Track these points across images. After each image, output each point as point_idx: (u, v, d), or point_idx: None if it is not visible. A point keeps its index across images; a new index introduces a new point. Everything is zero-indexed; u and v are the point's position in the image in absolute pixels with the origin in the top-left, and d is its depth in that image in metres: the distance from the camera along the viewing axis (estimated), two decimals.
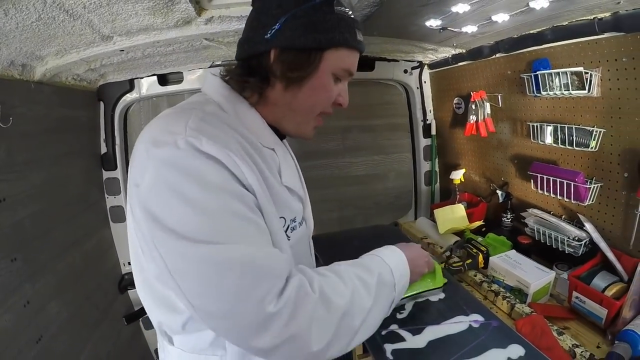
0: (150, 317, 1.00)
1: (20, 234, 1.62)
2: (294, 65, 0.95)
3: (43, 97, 1.81)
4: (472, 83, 2.43)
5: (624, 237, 1.61)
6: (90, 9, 1.22)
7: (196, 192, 0.77)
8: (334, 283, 0.90)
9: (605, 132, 1.61)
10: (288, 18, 0.93)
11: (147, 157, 0.80)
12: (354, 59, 1.03)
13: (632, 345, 1.26)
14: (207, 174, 0.79)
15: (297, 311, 0.78)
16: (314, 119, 1.07)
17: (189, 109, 0.92)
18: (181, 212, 0.77)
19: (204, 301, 0.77)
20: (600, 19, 1.46)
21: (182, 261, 0.77)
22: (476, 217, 2.38)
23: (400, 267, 1.09)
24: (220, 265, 0.75)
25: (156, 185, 0.78)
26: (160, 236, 0.77)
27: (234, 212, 0.80)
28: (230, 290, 0.75)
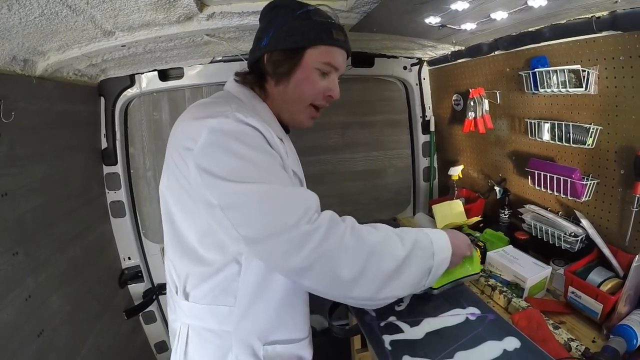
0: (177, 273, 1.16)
1: (22, 227, 1.63)
2: (279, 63, 1.17)
3: (44, 92, 1.81)
4: (470, 80, 2.44)
5: (620, 233, 1.62)
6: (93, 5, 1.24)
7: (241, 148, 0.95)
8: (366, 227, 1.03)
9: (602, 129, 1.62)
10: (276, 29, 1.18)
11: (199, 126, 0.98)
12: (335, 55, 1.20)
13: (627, 339, 1.27)
14: (249, 136, 0.99)
15: (329, 233, 0.92)
16: (305, 110, 1.25)
17: (224, 98, 1.18)
18: (229, 162, 0.94)
19: (251, 228, 0.92)
20: (598, 18, 1.47)
21: (231, 198, 0.93)
22: (474, 212, 2.39)
23: (442, 241, 1.16)
24: (261, 198, 0.92)
25: (210, 145, 0.96)
26: (213, 182, 0.94)
27: (270, 163, 1.00)
28: (272, 215, 0.91)
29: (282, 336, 1.21)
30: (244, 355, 1.15)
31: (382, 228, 1.07)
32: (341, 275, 0.92)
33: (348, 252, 0.93)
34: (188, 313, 1.16)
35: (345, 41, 1.23)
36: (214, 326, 1.15)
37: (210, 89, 2.61)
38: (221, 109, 1.02)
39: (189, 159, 0.98)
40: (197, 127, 0.99)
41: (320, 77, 1.20)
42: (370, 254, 0.96)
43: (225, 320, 1.13)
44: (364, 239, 0.97)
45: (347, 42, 1.24)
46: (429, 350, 1.20)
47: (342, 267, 0.91)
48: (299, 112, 1.24)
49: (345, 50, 1.24)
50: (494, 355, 1.13)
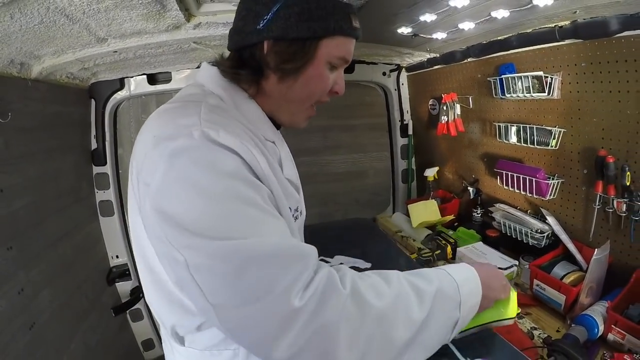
0: (161, 319, 0.95)
1: (16, 223, 1.68)
2: (288, 56, 0.91)
3: (39, 94, 1.86)
4: (445, 85, 2.54)
5: (585, 229, 1.71)
6: (89, 14, 1.30)
7: (212, 185, 0.72)
8: (374, 283, 0.80)
9: (565, 131, 1.72)
10: (280, 7, 0.89)
11: (158, 153, 0.75)
12: (350, 47, 0.98)
13: (588, 328, 1.35)
14: (223, 165, 0.75)
15: (324, 305, 0.69)
16: (307, 109, 1.04)
17: (193, 101, 0.88)
18: (197, 207, 0.71)
19: (224, 299, 0.70)
20: (561, 27, 1.57)
21: (201, 258, 0.70)
22: (449, 212, 2.49)
23: (470, 284, 0.94)
24: (242, 260, 0.69)
25: (170, 180, 0.73)
26: (177, 235, 0.72)
27: (252, 204, 0.75)
28: (252, 285, 0.68)
29: None
30: None
31: (395, 282, 0.83)
32: (340, 357, 0.69)
33: (349, 325, 0.70)
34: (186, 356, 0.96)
35: (361, 29, 1.00)
36: None
37: None
38: (186, 121, 0.78)
39: (146, 197, 0.76)
40: (155, 154, 0.76)
41: (329, 71, 0.97)
42: (378, 323, 0.74)
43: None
44: (370, 305, 0.74)
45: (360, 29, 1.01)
46: None
47: (342, 347, 0.69)
48: (300, 112, 1.04)
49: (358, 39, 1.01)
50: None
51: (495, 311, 1.07)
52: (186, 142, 0.74)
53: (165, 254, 0.76)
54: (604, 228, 1.63)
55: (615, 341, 1.33)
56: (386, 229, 2.74)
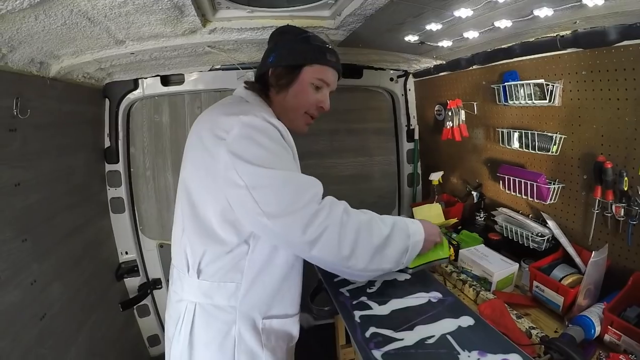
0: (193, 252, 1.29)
1: (30, 217, 1.73)
2: (281, 76, 1.41)
3: (55, 93, 1.92)
4: (451, 92, 2.57)
5: (584, 233, 1.72)
6: (110, 18, 1.36)
7: (267, 142, 1.16)
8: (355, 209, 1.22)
9: (566, 138, 1.74)
10: (279, 49, 1.44)
11: (232, 120, 1.17)
12: (327, 73, 1.44)
13: (585, 328, 1.36)
14: (272, 132, 1.19)
15: (331, 211, 1.12)
16: (301, 117, 1.47)
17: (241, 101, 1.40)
18: (258, 151, 1.14)
19: (272, 206, 1.09)
20: (562, 36, 1.60)
21: (259, 179, 1.11)
22: (452, 215, 2.46)
23: (415, 226, 1.37)
24: (283, 181, 1.11)
25: (242, 136, 1.15)
26: (243, 167, 1.11)
27: (288, 156, 1.21)
28: (290, 196, 1.10)
29: (278, 311, 1.37)
30: (246, 328, 1.29)
31: (368, 212, 1.28)
32: (341, 246, 1.12)
33: (345, 227, 1.13)
34: (197, 291, 1.29)
35: (337, 62, 1.47)
36: (221, 302, 1.28)
37: (208, 94, 2.71)
38: (247, 108, 1.27)
39: (221, 146, 1.15)
40: (229, 121, 1.18)
41: (314, 90, 1.43)
42: (361, 229, 1.16)
43: (232, 296, 1.28)
44: (356, 217, 1.18)
45: (339, 63, 1.48)
46: (392, 323, 1.34)
47: (342, 240, 1.12)
48: (296, 119, 1.46)
49: (337, 70, 1.48)
50: (449, 330, 1.25)
51: (435, 252, 1.53)
52: (253, 118, 1.18)
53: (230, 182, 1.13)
54: (603, 232, 1.64)
55: (611, 342, 1.34)
56: None
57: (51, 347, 1.76)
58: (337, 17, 1.73)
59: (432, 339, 1.22)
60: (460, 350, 1.15)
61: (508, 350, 1.13)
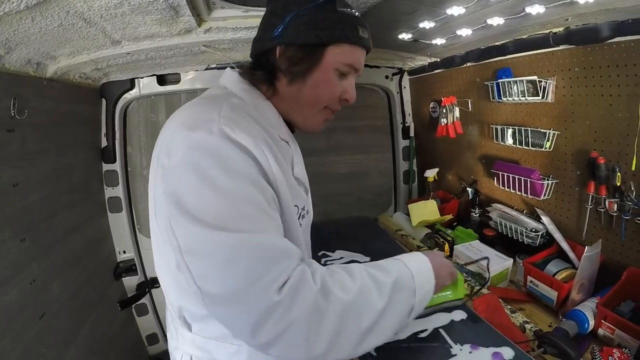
0: (170, 302, 1.02)
1: (29, 216, 1.73)
2: (296, 60, 1.00)
3: (53, 93, 1.91)
4: (446, 89, 2.58)
5: (578, 228, 1.75)
6: (106, 19, 1.37)
7: (221, 177, 0.79)
8: (341, 278, 0.87)
9: (559, 134, 1.76)
10: (292, 17, 0.98)
11: (179, 140, 0.83)
12: (357, 56, 1.05)
13: (579, 323, 1.39)
14: (235, 161, 0.81)
15: (297, 299, 0.77)
16: (320, 113, 1.09)
17: (217, 100, 0.97)
18: (203, 195, 0.78)
19: (211, 285, 0.77)
20: (555, 33, 1.62)
21: (195, 243, 0.78)
22: (448, 212, 2.54)
23: (424, 274, 1.02)
24: (232, 251, 0.76)
25: (184, 165, 0.80)
26: (178, 217, 0.79)
27: (253, 202, 0.81)
28: (238, 276, 0.75)
29: None
30: None
31: (358, 276, 0.91)
32: (314, 344, 0.78)
33: (319, 317, 0.79)
34: (191, 344, 1.02)
35: (369, 39, 1.08)
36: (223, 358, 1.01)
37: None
38: (208, 116, 0.86)
39: (158, 177, 0.86)
40: (176, 140, 0.84)
41: (338, 77, 1.05)
42: (345, 315, 0.82)
43: (234, 355, 1.00)
44: (338, 299, 0.82)
45: (370, 40, 1.09)
46: None
47: (314, 336, 0.78)
48: (312, 116, 1.09)
49: (368, 49, 1.10)
50: (442, 324, 1.25)
51: (445, 295, 1.27)
52: (204, 136, 0.81)
53: (167, 236, 0.84)
54: (597, 227, 1.66)
55: (605, 336, 1.36)
56: (387, 228, 2.77)
57: (51, 346, 1.76)
58: None
59: (425, 333, 1.21)
60: (453, 343, 1.16)
61: (500, 343, 1.15)
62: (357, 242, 2.02)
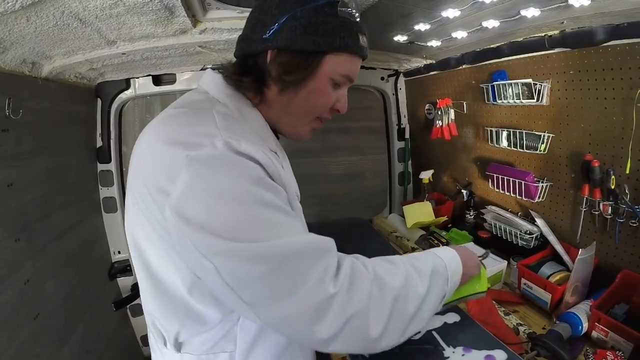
0: (163, 327, 0.93)
1: (24, 216, 1.73)
2: (290, 68, 0.91)
3: (48, 93, 1.91)
4: (441, 91, 2.58)
5: (572, 231, 1.74)
6: (101, 19, 1.37)
7: (238, 193, 0.74)
8: (387, 267, 0.88)
9: (554, 137, 1.77)
10: (288, 18, 0.89)
11: (177, 158, 0.75)
12: (355, 66, 0.98)
13: (573, 325, 1.39)
14: (247, 174, 0.76)
15: (355, 289, 0.76)
16: (310, 122, 1.03)
17: (203, 109, 0.88)
18: (225, 214, 0.73)
19: (262, 298, 0.74)
20: (550, 36, 1.62)
21: (232, 262, 0.72)
22: (442, 213, 2.53)
23: (454, 264, 1.04)
24: (274, 260, 0.72)
25: (196, 189, 0.73)
26: (204, 242, 0.73)
27: (274, 208, 0.78)
28: (288, 280, 0.72)
29: None
30: None
31: (401, 265, 0.91)
32: (371, 332, 0.77)
33: (375, 305, 0.78)
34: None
35: (368, 48, 1.01)
36: None
37: None
38: (205, 130, 0.79)
39: (166, 205, 0.75)
40: (173, 160, 0.75)
41: (332, 88, 0.97)
42: (395, 300, 0.82)
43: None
44: (387, 285, 0.82)
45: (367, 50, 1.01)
46: None
47: (371, 325, 0.77)
48: (302, 125, 1.03)
49: (365, 58, 1.02)
50: (435, 326, 1.25)
51: (470, 286, 1.22)
52: (210, 152, 0.74)
53: (192, 260, 0.77)
54: (591, 230, 1.66)
55: (598, 338, 1.36)
56: (382, 229, 2.77)
57: (45, 346, 1.76)
58: None
59: (418, 335, 1.20)
60: (446, 346, 1.16)
61: (493, 346, 1.15)
62: (352, 243, 2.00)
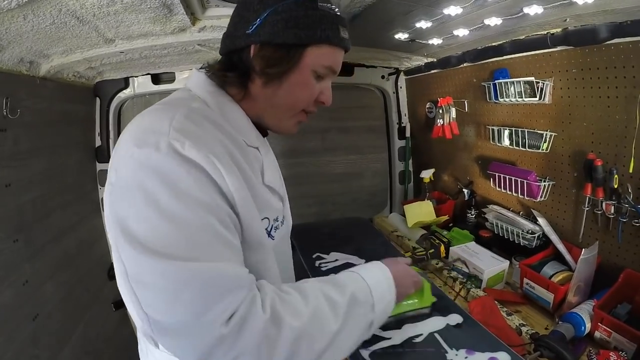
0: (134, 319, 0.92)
1: (22, 217, 1.71)
2: (273, 61, 0.93)
3: (46, 92, 1.90)
4: (442, 89, 2.58)
5: (574, 230, 1.74)
6: (99, 17, 1.35)
7: (169, 201, 0.73)
8: (293, 302, 0.84)
9: (556, 135, 1.76)
10: (269, 13, 0.91)
11: (125, 156, 0.78)
12: (337, 57, 1.00)
13: (575, 325, 1.38)
14: (184, 181, 0.75)
15: (245, 330, 0.74)
16: (295, 115, 1.04)
17: (175, 105, 0.90)
18: (150, 220, 0.73)
19: (159, 314, 0.74)
20: (553, 34, 1.61)
21: (142, 272, 0.73)
22: (444, 213, 2.53)
23: (382, 286, 1.01)
24: (180, 282, 0.72)
25: (129, 187, 0.75)
26: (124, 243, 0.74)
27: (205, 227, 0.76)
28: (186, 308, 0.72)
29: None
30: None
31: (312, 297, 0.87)
32: None
33: (269, 346, 0.75)
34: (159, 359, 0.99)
35: (349, 40, 1.02)
36: None
37: None
38: (158, 128, 0.79)
39: (108, 195, 0.81)
40: (123, 155, 0.79)
41: (316, 79, 0.99)
42: (298, 341, 0.78)
43: None
44: (289, 326, 0.78)
45: (350, 41, 1.03)
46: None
47: None
48: (288, 119, 1.04)
49: (347, 50, 1.04)
50: (437, 328, 1.25)
51: (411, 302, 1.26)
52: (152, 154, 0.75)
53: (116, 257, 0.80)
54: (593, 229, 1.65)
55: (601, 339, 1.36)
56: (382, 228, 2.76)
57: (44, 347, 1.75)
58: None
59: (420, 338, 1.21)
60: (448, 348, 1.16)
61: (496, 348, 1.14)
62: (352, 243, 2.01)
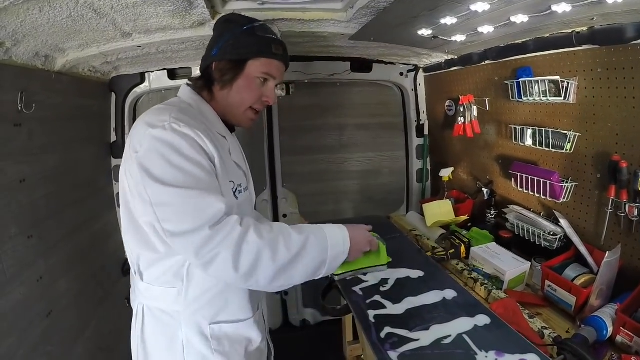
0: (131, 254, 1.31)
1: (36, 212, 1.72)
2: (225, 72, 1.34)
3: (61, 87, 1.90)
4: (462, 87, 2.54)
5: (597, 233, 1.70)
6: (117, 10, 1.35)
7: (175, 157, 1.12)
8: (263, 228, 1.16)
9: (580, 136, 1.72)
10: (224, 42, 1.34)
11: (144, 134, 1.14)
12: (272, 66, 1.38)
13: (598, 329, 1.35)
14: (184, 147, 1.14)
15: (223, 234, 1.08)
16: (245, 112, 1.41)
17: (171, 105, 1.30)
18: (164, 167, 1.11)
19: (172, 224, 1.09)
20: (578, 33, 1.57)
21: (160, 197, 1.10)
22: (462, 212, 2.49)
23: (337, 237, 1.27)
24: (184, 199, 1.09)
25: (150, 151, 1.12)
26: (149, 182, 1.10)
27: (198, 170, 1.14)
28: (188, 216, 1.08)
29: (227, 316, 1.35)
30: (193, 334, 1.29)
31: (280, 227, 1.22)
32: (237, 268, 1.08)
33: (242, 251, 1.09)
34: (144, 294, 1.31)
35: (284, 55, 1.41)
36: (165, 306, 1.29)
37: None
38: (163, 118, 1.18)
39: (134, 160, 1.14)
40: (143, 134, 1.15)
41: (259, 84, 1.38)
42: (261, 252, 1.11)
43: (175, 301, 1.28)
44: (261, 236, 1.12)
45: (285, 56, 1.43)
46: (407, 323, 1.33)
47: (237, 263, 1.08)
48: (240, 114, 1.41)
49: (284, 62, 1.43)
50: (466, 329, 1.25)
51: (368, 260, 1.41)
52: (161, 131, 1.14)
53: (139, 196, 1.14)
54: (616, 232, 1.62)
55: (623, 343, 1.34)
56: (400, 227, 2.71)
57: (58, 344, 1.76)
58: (350, 10, 1.70)
59: (449, 339, 1.22)
60: (478, 350, 1.16)
61: (525, 350, 1.13)
62: None
